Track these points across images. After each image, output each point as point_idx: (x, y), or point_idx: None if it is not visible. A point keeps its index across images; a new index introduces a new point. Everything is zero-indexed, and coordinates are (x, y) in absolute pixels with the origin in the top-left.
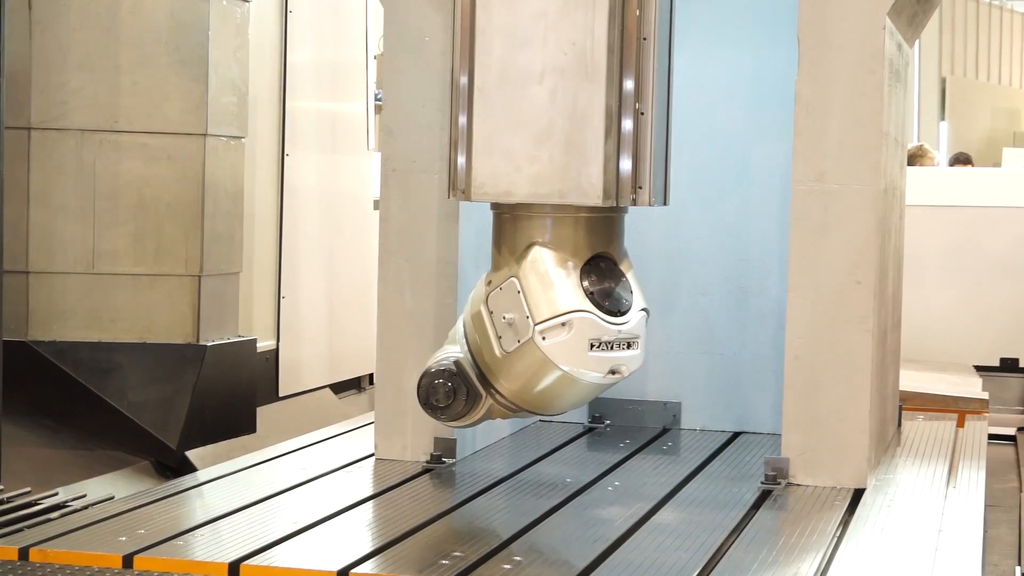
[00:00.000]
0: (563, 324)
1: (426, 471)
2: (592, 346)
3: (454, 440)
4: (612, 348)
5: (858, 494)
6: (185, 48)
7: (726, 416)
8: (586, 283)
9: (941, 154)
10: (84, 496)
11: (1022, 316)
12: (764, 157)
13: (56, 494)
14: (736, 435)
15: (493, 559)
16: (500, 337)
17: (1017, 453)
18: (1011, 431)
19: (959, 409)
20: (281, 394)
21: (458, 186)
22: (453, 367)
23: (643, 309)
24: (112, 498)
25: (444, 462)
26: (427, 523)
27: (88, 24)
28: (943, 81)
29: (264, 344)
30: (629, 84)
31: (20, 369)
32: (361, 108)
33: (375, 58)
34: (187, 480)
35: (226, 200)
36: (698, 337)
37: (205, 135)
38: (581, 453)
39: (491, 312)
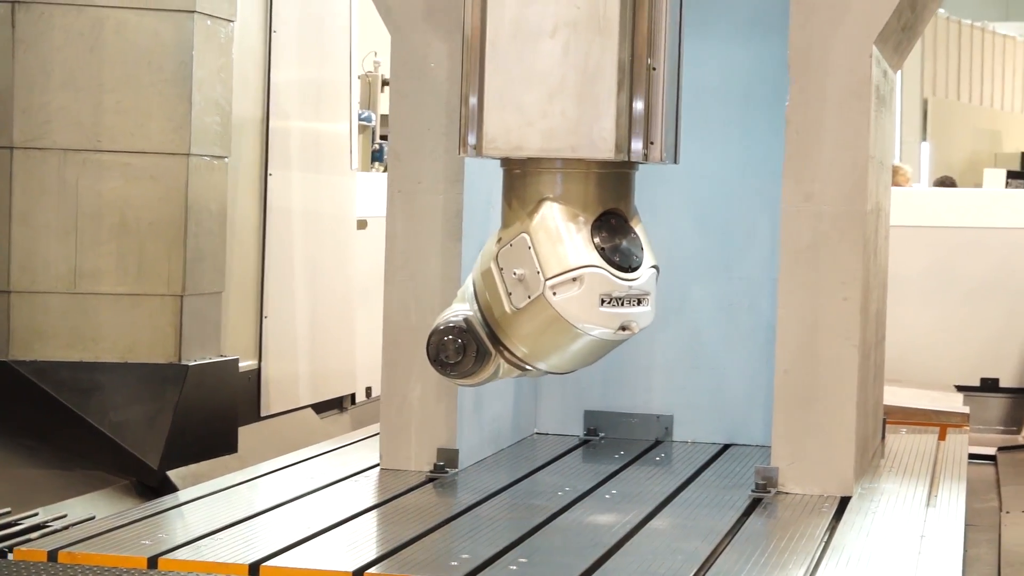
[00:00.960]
0: (574, 279)
1: (430, 480)
2: (603, 301)
3: (456, 451)
4: (623, 304)
5: (844, 502)
6: (169, 67)
7: (717, 428)
8: (597, 239)
9: (923, 174)
10: (64, 516)
11: (1002, 336)
12: (754, 179)
13: (36, 514)
14: (726, 447)
15: (499, 561)
16: (510, 293)
17: (997, 473)
18: (991, 451)
19: (940, 423)
20: (263, 414)
21: (468, 142)
22: (463, 323)
23: (653, 266)
24: (93, 518)
25: (447, 472)
26: (434, 528)
27: (71, 43)
28: (925, 102)
29: (246, 364)
30: (641, 39)
31: (1, 389)
32: (345, 128)
33: (359, 78)
34: (201, 489)
35: (209, 220)
36: (689, 352)
37: (188, 155)
38: (577, 464)
39: (501, 268)
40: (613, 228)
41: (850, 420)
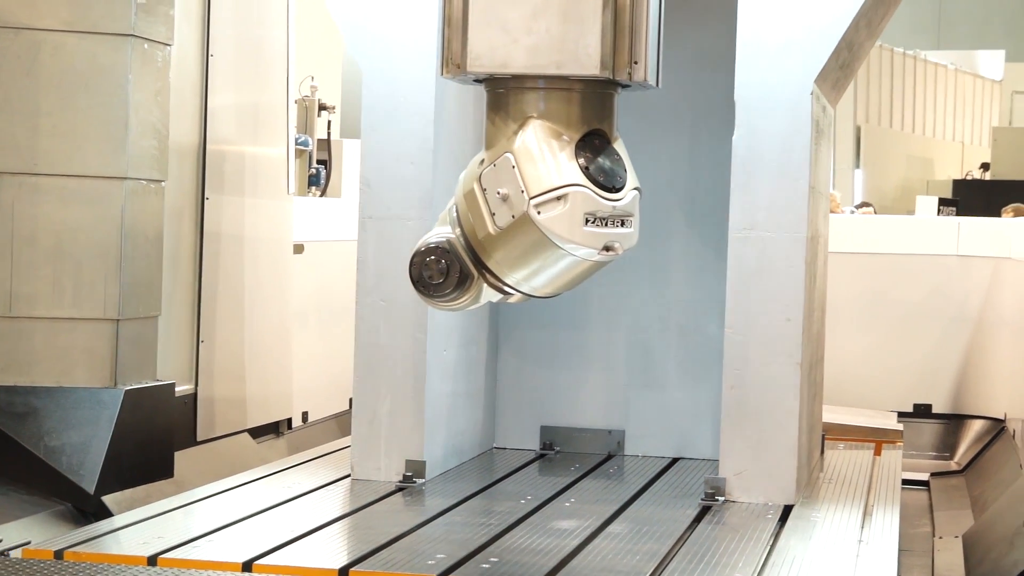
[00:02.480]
0: (558, 198)
1: (399, 489)
2: (587, 221)
3: (424, 462)
4: (607, 224)
5: (788, 509)
6: (105, 91)
7: (666, 443)
8: (581, 159)
9: (856, 201)
10: (1, 540)
11: (935, 362)
12: (702, 207)
13: None
14: (675, 460)
15: (471, 561)
16: (494, 214)
17: (930, 498)
18: (924, 476)
19: (876, 439)
20: (199, 438)
21: (452, 61)
22: (446, 244)
23: (636, 188)
24: (28, 543)
25: (415, 481)
26: (410, 531)
27: (8, 66)
28: (858, 129)
29: (182, 388)
30: None
31: None
32: (282, 152)
33: (296, 102)
34: (183, 497)
35: (145, 244)
36: (640, 371)
37: (125, 178)
38: (535, 476)
39: (484, 189)
40: (597, 148)
41: (792, 433)
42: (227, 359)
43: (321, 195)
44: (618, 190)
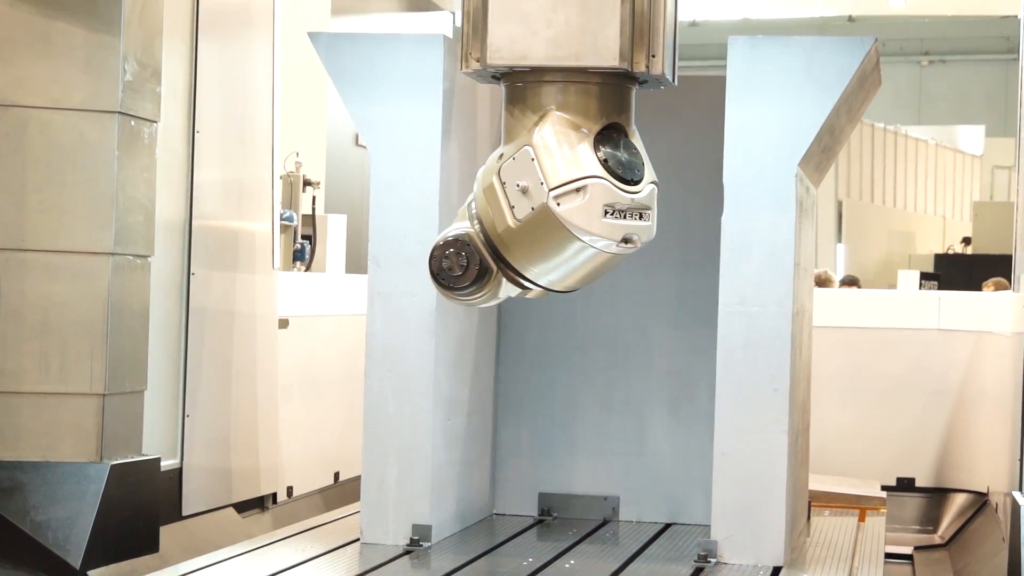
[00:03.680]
0: (577, 190)
1: (407, 552)
2: (606, 212)
3: (429, 527)
4: (625, 216)
5: (776, 571)
6: (92, 167)
7: (659, 509)
8: (600, 151)
9: (839, 276)
10: None
11: (918, 436)
12: (692, 284)
13: None
14: (668, 526)
15: None
16: (513, 207)
17: (914, 572)
18: (908, 550)
19: (860, 506)
20: (184, 513)
21: (472, 55)
22: (465, 237)
23: (653, 182)
24: None
25: (421, 545)
26: None
27: None
28: (840, 204)
29: (168, 463)
30: None
31: None
32: (267, 227)
33: (281, 178)
34: (200, 561)
35: (131, 318)
36: (635, 440)
37: (112, 254)
38: (535, 540)
39: (504, 183)
40: (615, 141)
41: (780, 498)
42: (212, 433)
43: (306, 270)
44: (636, 183)
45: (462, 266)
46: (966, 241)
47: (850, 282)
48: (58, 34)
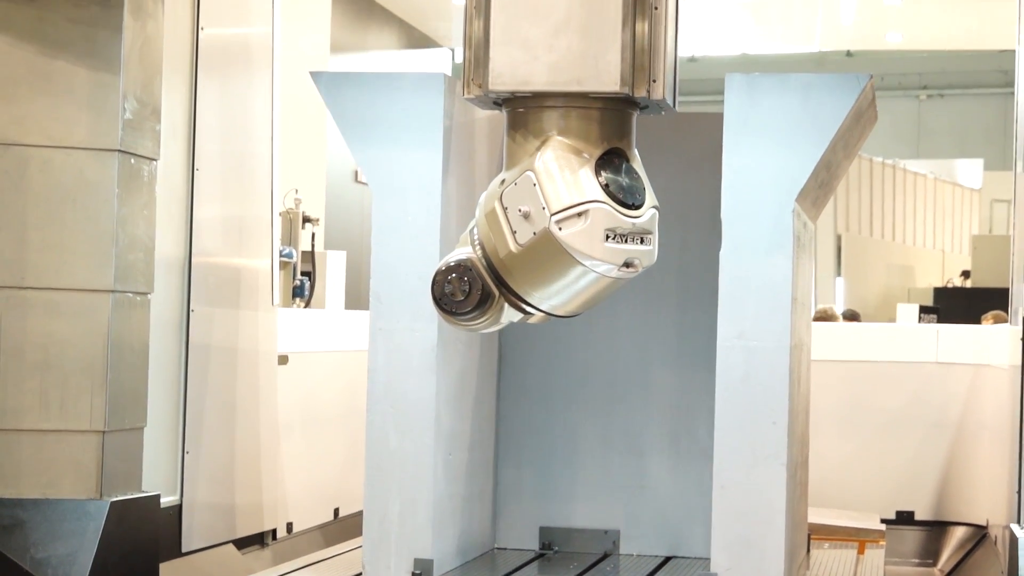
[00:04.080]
0: (579, 214)
1: None
2: (608, 237)
3: (431, 561)
4: (627, 240)
5: None
6: (92, 205)
7: (660, 542)
8: (601, 176)
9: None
10: None
11: (917, 469)
12: (691, 317)
13: None
14: (668, 559)
15: None
16: (515, 232)
17: None
18: None
19: (859, 539)
20: (184, 550)
21: (474, 80)
22: (467, 262)
23: (654, 207)
24: None
25: None
26: None
27: None
28: (839, 238)
29: (167, 499)
30: None
31: None
32: (266, 264)
33: (280, 215)
34: None
35: (131, 355)
36: (635, 473)
37: (112, 291)
38: (536, 574)
39: (506, 208)
40: (616, 166)
41: (779, 531)
42: (212, 470)
43: (305, 306)
44: (638, 207)
45: (464, 291)
46: (965, 275)
47: (851, 316)
48: (58, 73)
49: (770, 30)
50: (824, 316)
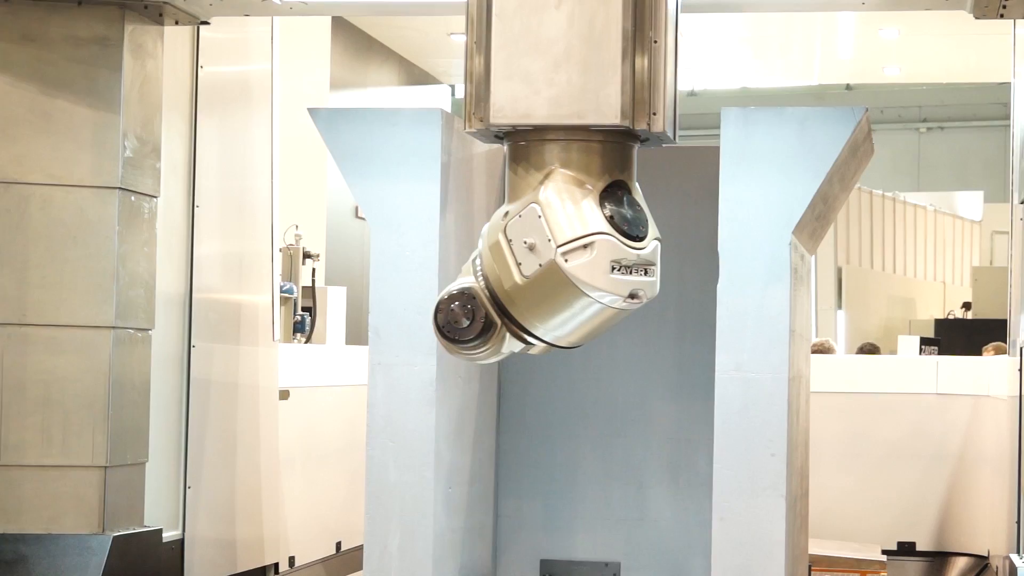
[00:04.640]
0: (585, 246)
1: None
2: (613, 268)
3: None
4: (632, 272)
5: None
6: (93, 243)
7: (660, 574)
8: (606, 208)
9: (840, 342)
10: None
11: (918, 500)
12: (690, 349)
13: None
14: None
15: None
16: (520, 264)
17: None
18: None
19: (861, 570)
20: None
21: (475, 114)
22: (470, 291)
23: (656, 238)
24: None
25: None
26: None
27: None
28: (839, 271)
29: (169, 534)
30: (644, 11)
31: None
32: (267, 299)
33: (281, 250)
34: None
35: (132, 391)
36: (635, 505)
37: (113, 328)
38: None
39: (510, 240)
40: (619, 199)
41: (779, 562)
42: (214, 504)
43: (306, 341)
44: (641, 239)
45: (468, 318)
46: (966, 306)
47: (870, 350)
48: (59, 112)
49: (769, 64)
50: (821, 349)
